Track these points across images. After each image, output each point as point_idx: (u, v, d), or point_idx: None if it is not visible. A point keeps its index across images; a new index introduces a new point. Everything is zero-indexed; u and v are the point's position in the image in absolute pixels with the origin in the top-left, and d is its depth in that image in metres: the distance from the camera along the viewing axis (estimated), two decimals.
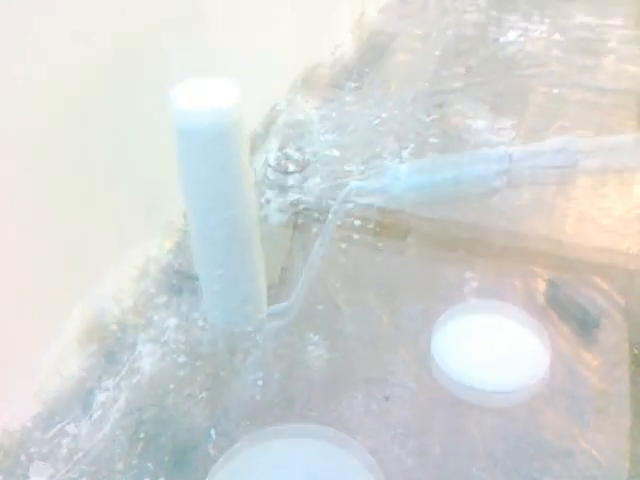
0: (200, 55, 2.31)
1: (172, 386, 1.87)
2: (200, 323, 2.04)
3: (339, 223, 2.41)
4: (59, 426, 1.76)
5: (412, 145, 2.81)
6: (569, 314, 2.01)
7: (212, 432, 1.76)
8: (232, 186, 1.31)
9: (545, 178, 1.44)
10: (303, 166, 2.72)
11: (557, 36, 3.64)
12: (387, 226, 2.39)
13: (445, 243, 2.31)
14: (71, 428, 1.76)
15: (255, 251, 1.46)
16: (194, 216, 1.38)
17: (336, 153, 2.79)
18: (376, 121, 2.99)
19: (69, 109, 1.77)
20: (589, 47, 3.48)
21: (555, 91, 3.14)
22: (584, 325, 1.98)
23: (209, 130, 1.22)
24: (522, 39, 3.64)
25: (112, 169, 1.98)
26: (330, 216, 1.47)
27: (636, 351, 1.91)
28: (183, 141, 1.26)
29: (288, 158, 2.76)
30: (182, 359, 1.94)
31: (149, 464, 1.68)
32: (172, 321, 2.06)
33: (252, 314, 1.53)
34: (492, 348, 1.94)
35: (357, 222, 2.41)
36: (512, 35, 3.68)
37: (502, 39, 3.65)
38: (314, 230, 2.37)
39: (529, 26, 3.76)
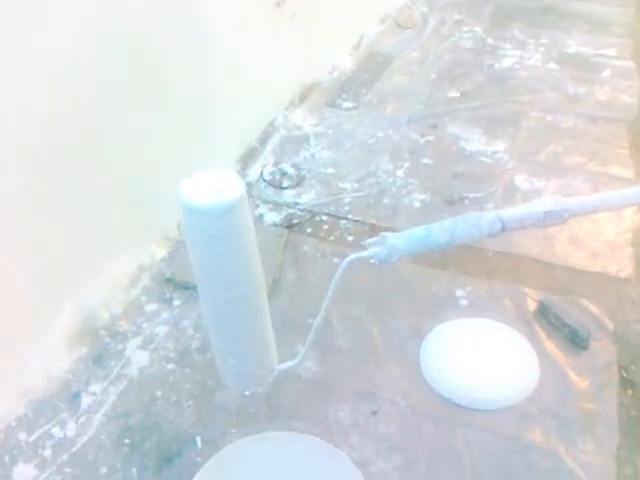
0: (201, 69, 2.34)
1: (159, 393, 1.86)
2: (190, 332, 2.04)
3: (332, 238, 2.42)
4: (44, 428, 1.75)
5: (406, 164, 2.83)
6: (558, 335, 2.03)
7: (198, 439, 1.75)
8: (241, 266, 1.38)
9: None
10: (298, 182, 2.73)
11: (552, 64, 3.68)
12: None
13: (437, 261, 2.32)
14: (56, 430, 1.75)
15: (266, 324, 1.53)
16: (204, 295, 1.45)
17: (331, 170, 2.81)
18: (371, 140, 3.02)
19: (70, 112, 1.78)
20: (583, 76, 3.53)
21: (548, 117, 3.17)
22: (573, 346, 1.99)
23: (216, 216, 1.29)
24: (517, 66, 3.68)
25: (109, 176, 1.99)
26: (329, 293, 1.53)
27: (624, 373, 1.92)
28: (191, 224, 1.33)
29: (283, 173, 2.77)
30: (171, 366, 1.94)
31: (133, 469, 1.68)
32: (162, 329, 2.05)
33: (263, 377, 1.60)
34: (480, 365, 1.94)
35: (350, 238, 2.42)
36: (507, 62, 3.73)
37: (497, 65, 3.70)
38: (306, 246, 2.39)
39: (524, 54, 3.81)
